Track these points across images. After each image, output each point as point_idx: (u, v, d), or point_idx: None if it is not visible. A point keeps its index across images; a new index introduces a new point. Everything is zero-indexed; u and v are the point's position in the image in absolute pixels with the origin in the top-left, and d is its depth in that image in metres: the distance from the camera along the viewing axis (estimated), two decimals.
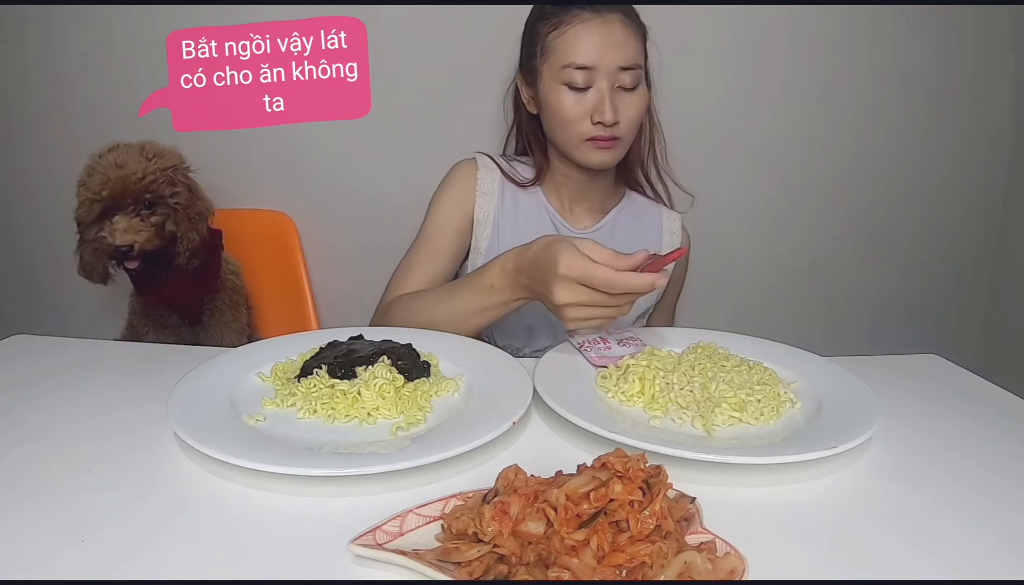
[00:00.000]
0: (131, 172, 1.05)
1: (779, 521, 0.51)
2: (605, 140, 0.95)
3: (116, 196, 1.05)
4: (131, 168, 1.05)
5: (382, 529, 0.46)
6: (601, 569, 0.41)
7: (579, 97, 0.94)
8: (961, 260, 1.59)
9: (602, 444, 0.58)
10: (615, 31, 0.92)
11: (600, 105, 0.92)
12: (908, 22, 1.42)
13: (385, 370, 0.68)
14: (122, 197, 1.06)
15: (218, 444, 0.55)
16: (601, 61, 0.92)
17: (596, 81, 0.93)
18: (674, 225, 1.13)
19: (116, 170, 1.05)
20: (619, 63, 0.92)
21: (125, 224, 1.05)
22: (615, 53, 0.92)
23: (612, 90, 0.93)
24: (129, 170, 1.05)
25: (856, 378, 0.71)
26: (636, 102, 0.96)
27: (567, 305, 0.72)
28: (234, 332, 1.24)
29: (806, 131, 1.49)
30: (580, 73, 0.92)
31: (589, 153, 0.97)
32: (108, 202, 1.05)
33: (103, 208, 1.06)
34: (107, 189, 1.04)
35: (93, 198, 1.05)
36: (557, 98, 0.95)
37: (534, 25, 0.98)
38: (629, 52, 0.93)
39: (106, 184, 1.04)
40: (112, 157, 1.06)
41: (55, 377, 0.75)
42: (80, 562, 0.44)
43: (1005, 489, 0.57)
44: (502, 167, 1.06)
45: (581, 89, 0.93)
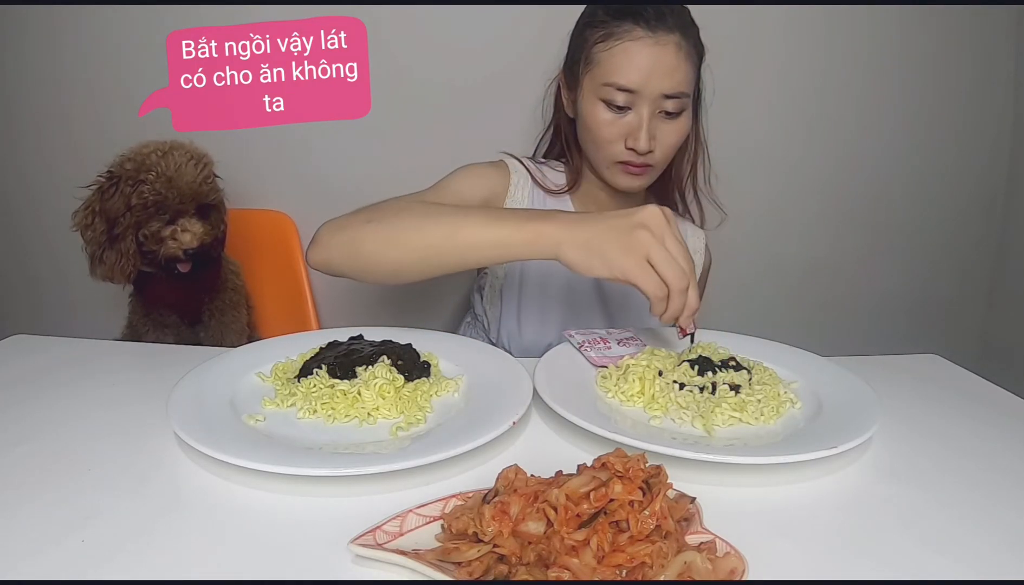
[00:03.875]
0: (191, 178, 1.06)
1: (779, 521, 0.51)
2: (636, 166, 0.91)
3: (183, 199, 1.06)
4: (190, 174, 1.06)
5: (382, 529, 0.46)
6: (601, 569, 0.41)
7: (616, 118, 0.89)
8: (961, 260, 1.59)
9: (602, 444, 0.58)
10: (667, 55, 0.86)
11: (636, 131, 0.88)
12: (908, 22, 1.42)
13: (385, 370, 0.68)
14: (185, 201, 1.06)
15: (218, 444, 0.55)
16: (645, 86, 0.86)
17: (637, 105, 0.88)
18: (698, 244, 1.09)
19: (179, 175, 1.05)
20: (664, 90, 0.87)
21: (193, 228, 1.06)
22: (662, 79, 0.86)
23: (652, 116, 0.88)
24: (189, 176, 1.06)
25: (856, 378, 0.72)
26: (676, 130, 0.91)
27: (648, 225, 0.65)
28: (234, 332, 1.24)
29: (806, 131, 1.49)
30: (621, 94, 0.87)
31: (618, 176, 0.93)
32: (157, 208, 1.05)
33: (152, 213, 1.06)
34: (174, 191, 1.05)
35: (157, 197, 1.04)
36: (593, 114, 0.90)
37: (583, 30, 0.93)
38: (678, 80, 0.87)
39: (172, 187, 1.04)
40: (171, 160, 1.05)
41: (55, 376, 0.75)
42: (80, 561, 0.44)
43: (1005, 488, 0.57)
44: (532, 174, 1.02)
45: (619, 110, 0.88)
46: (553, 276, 1.03)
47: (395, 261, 0.76)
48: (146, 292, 1.19)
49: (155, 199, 1.04)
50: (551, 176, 1.03)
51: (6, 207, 1.56)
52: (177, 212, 1.07)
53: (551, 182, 1.02)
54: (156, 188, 1.04)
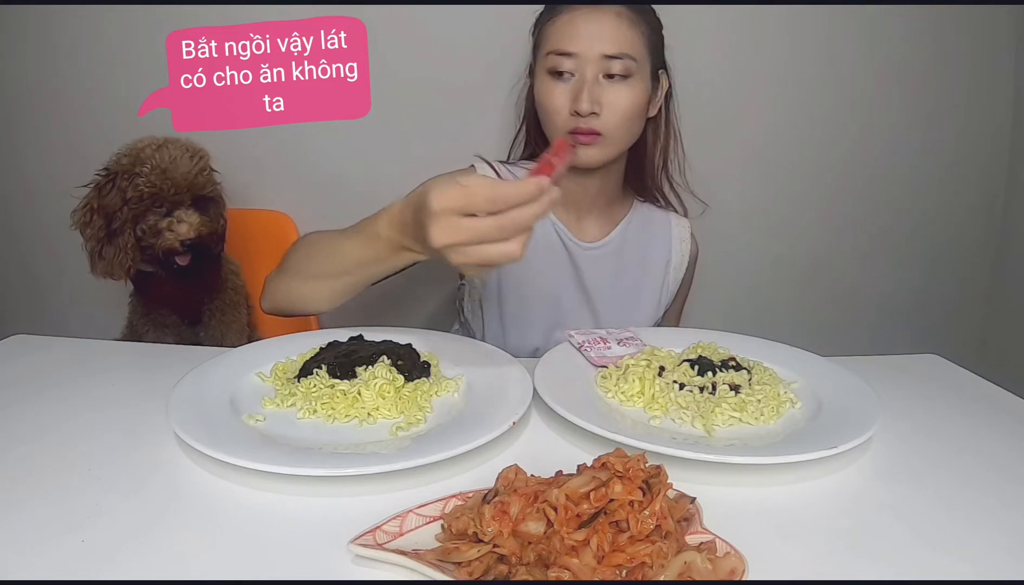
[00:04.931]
0: (186, 170, 1.06)
1: (779, 521, 0.51)
2: (584, 133, 0.89)
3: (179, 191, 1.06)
4: (185, 166, 1.06)
5: (382, 529, 0.46)
6: (601, 569, 0.41)
7: (563, 86, 0.90)
8: (961, 260, 1.59)
9: (602, 444, 0.58)
10: (607, 19, 0.88)
11: (579, 94, 0.88)
12: (908, 22, 1.42)
13: (385, 370, 0.68)
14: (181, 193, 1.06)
15: (218, 444, 0.55)
16: (586, 48, 0.87)
17: (580, 69, 0.88)
18: (683, 233, 1.10)
19: (173, 167, 1.05)
20: (605, 50, 0.87)
21: (189, 219, 1.06)
22: (602, 41, 0.87)
23: (596, 80, 0.88)
24: (184, 168, 1.06)
25: (856, 378, 0.72)
26: (624, 94, 0.89)
27: (448, 247, 0.58)
28: (234, 332, 1.24)
29: (806, 131, 1.49)
30: (564, 59, 0.88)
31: None
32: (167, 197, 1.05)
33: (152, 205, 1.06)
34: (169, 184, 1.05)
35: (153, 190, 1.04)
36: (542, 88, 0.92)
37: (537, 22, 0.97)
38: (619, 40, 0.88)
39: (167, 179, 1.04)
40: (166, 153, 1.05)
41: (55, 376, 0.75)
42: (80, 561, 0.44)
43: (1005, 488, 0.57)
44: (501, 175, 1.02)
45: (565, 78, 0.89)
46: (532, 282, 1.02)
47: (325, 292, 0.80)
48: (146, 292, 1.19)
49: (150, 191, 1.04)
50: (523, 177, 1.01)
51: (6, 207, 1.56)
52: (173, 204, 1.07)
53: None
54: (151, 180, 1.04)
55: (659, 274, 1.09)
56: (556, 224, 1.03)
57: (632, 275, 1.07)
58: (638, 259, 1.07)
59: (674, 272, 1.10)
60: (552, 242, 1.02)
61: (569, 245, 1.03)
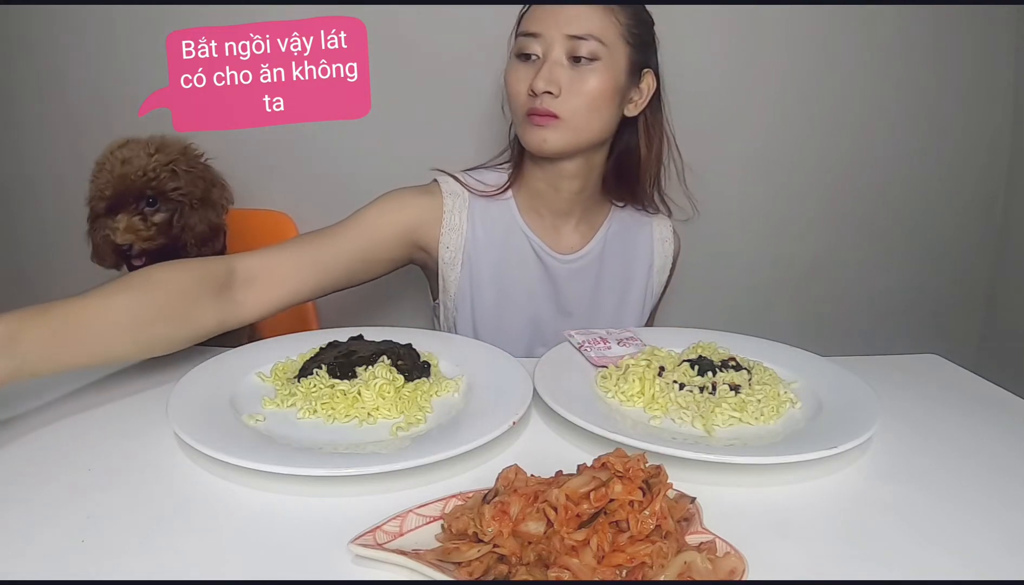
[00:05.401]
0: (135, 169, 1.04)
1: (779, 521, 0.51)
2: (540, 115, 0.85)
3: (119, 194, 1.05)
4: (135, 165, 1.05)
5: (382, 529, 0.46)
6: (601, 569, 0.41)
7: (526, 67, 0.87)
8: (961, 260, 1.59)
9: (602, 444, 0.58)
10: (578, 6, 0.85)
11: (538, 72, 0.85)
12: (908, 22, 1.42)
13: (385, 370, 0.68)
14: (125, 195, 1.05)
15: (218, 444, 0.55)
16: (550, 27, 0.85)
17: (545, 50, 0.86)
18: (665, 232, 1.06)
19: (121, 167, 1.04)
20: (570, 30, 0.84)
21: (125, 223, 1.04)
22: (568, 20, 0.84)
23: (558, 62, 0.85)
24: (133, 167, 1.04)
25: (856, 378, 0.72)
26: (587, 77, 0.85)
27: None
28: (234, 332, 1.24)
29: (806, 131, 1.49)
30: (529, 41, 0.86)
31: (527, 132, 0.88)
32: (112, 200, 1.05)
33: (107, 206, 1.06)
34: (110, 187, 1.04)
35: (98, 195, 1.04)
36: (507, 70, 0.90)
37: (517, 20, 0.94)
38: (585, 21, 0.84)
39: (110, 182, 1.04)
40: (120, 154, 1.05)
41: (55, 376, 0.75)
42: (80, 561, 0.44)
43: (1005, 488, 0.57)
44: (466, 184, 0.97)
45: (532, 61, 0.87)
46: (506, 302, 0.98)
47: None
48: None
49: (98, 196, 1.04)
50: (492, 179, 0.99)
51: (7, 207, 1.56)
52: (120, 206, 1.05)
53: (492, 185, 0.98)
54: (98, 186, 1.04)
55: (642, 280, 1.05)
56: (530, 237, 0.97)
57: (614, 286, 1.02)
58: (620, 267, 1.03)
59: (657, 275, 1.06)
60: (526, 257, 0.97)
61: (545, 259, 0.98)
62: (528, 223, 0.98)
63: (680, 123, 1.13)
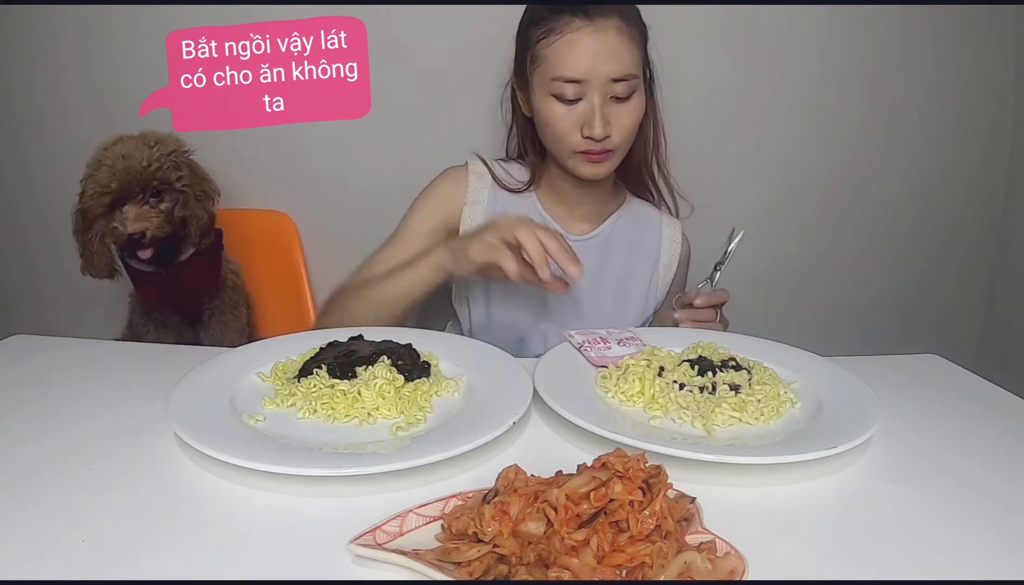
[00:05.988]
0: (137, 162, 1.06)
1: (779, 521, 0.51)
2: (597, 154, 0.92)
3: (124, 187, 1.06)
4: (136, 158, 1.06)
5: (382, 529, 0.46)
6: (601, 569, 0.41)
7: (569, 110, 0.91)
8: (961, 260, 1.59)
9: (602, 444, 0.58)
10: (609, 40, 0.87)
11: (590, 119, 0.89)
12: (908, 22, 1.42)
13: (385, 370, 0.68)
14: (130, 187, 1.06)
15: (218, 444, 0.55)
16: (592, 73, 0.88)
17: (587, 94, 0.89)
18: (674, 233, 1.11)
19: (122, 161, 1.05)
20: (612, 75, 0.88)
21: (135, 212, 1.06)
22: (607, 64, 0.88)
23: (604, 102, 0.89)
24: (135, 160, 1.06)
25: (856, 378, 0.72)
26: (630, 112, 0.92)
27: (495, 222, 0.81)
28: (234, 332, 1.24)
29: (806, 131, 1.49)
30: (570, 86, 0.89)
31: (580, 165, 0.94)
32: (117, 194, 1.06)
33: (111, 200, 1.06)
34: (115, 181, 1.05)
35: (102, 191, 1.05)
36: (547, 110, 0.92)
37: (527, 29, 0.95)
38: (623, 62, 0.89)
39: (114, 176, 1.05)
40: (117, 149, 1.06)
41: (55, 377, 0.75)
42: (80, 562, 0.44)
43: (1005, 489, 0.57)
44: (495, 172, 1.04)
45: (571, 102, 0.90)
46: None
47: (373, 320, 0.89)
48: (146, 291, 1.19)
49: (99, 191, 1.05)
50: (518, 173, 1.06)
51: (7, 207, 1.56)
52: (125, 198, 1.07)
53: (516, 180, 1.05)
54: (98, 180, 1.05)
55: (647, 270, 1.10)
56: (545, 216, 1.05)
57: (619, 269, 1.08)
58: (626, 253, 1.08)
59: (663, 271, 1.11)
60: None
61: None
62: (544, 206, 1.06)
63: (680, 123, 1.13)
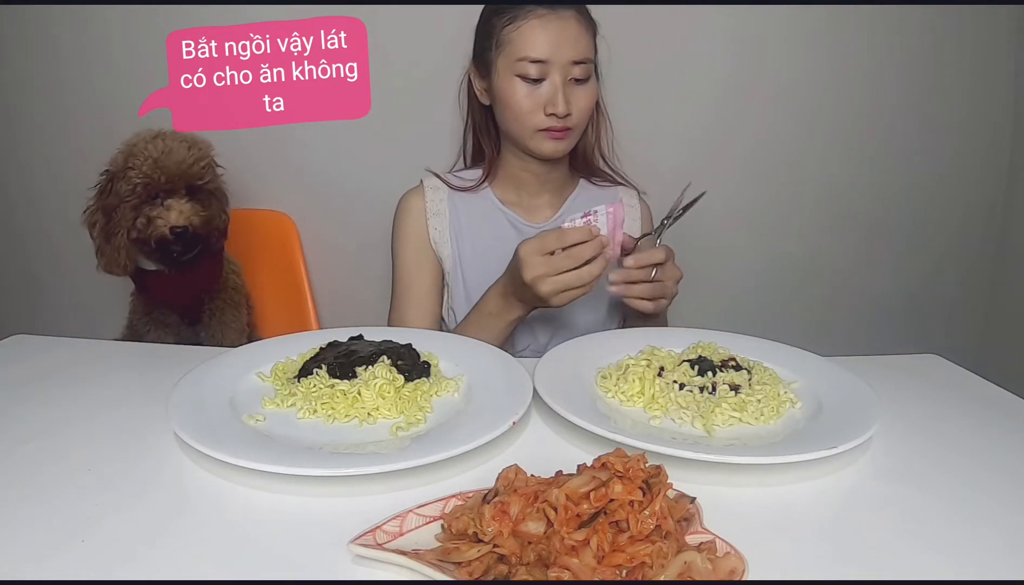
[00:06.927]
0: (180, 158, 1.07)
1: (779, 521, 0.51)
2: (558, 130, 0.98)
3: (170, 179, 1.07)
4: (179, 155, 1.07)
5: (382, 529, 0.46)
6: (601, 569, 0.41)
7: (533, 89, 0.96)
8: (961, 260, 1.59)
9: (602, 444, 0.58)
10: (570, 27, 0.95)
11: (554, 97, 0.95)
12: (909, 22, 1.42)
13: (385, 370, 0.68)
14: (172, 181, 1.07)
15: (218, 444, 0.55)
16: (555, 55, 0.94)
17: (550, 74, 0.95)
18: (631, 199, 1.15)
19: (167, 156, 1.06)
20: (572, 57, 0.95)
21: (180, 206, 1.07)
22: (569, 47, 0.95)
23: (565, 83, 0.96)
24: (176, 157, 1.07)
25: (856, 378, 0.72)
26: (587, 94, 0.99)
27: (537, 279, 0.82)
28: (234, 332, 1.24)
29: (805, 131, 1.49)
30: (534, 66, 0.95)
31: (542, 143, 0.99)
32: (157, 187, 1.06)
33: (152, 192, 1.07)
34: (160, 173, 1.06)
35: (144, 180, 1.05)
36: (511, 90, 0.97)
37: (489, 19, 1.01)
38: (582, 47, 0.96)
39: (157, 168, 1.05)
40: (160, 145, 1.07)
41: (55, 377, 0.75)
42: (80, 562, 0.44)
43: (1005, 489, 0.57)
44: (448, 182, 1.09)
45: (535, 82, 0.96)
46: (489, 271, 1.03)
47: None
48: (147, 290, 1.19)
49: (143, 182, 1.05)
50: (469, 175, 1.11)
51: (7, 207, 1.56)
52: (167, 193, 1.07)
53: (469, 180, 1.10)
54: (143, 171, 1.05)
55: None
56: (507, 213, 1.09)
57: None
58: None
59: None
60: (505, 231, 1.07)
61: (522, 228, 1.08)
62: (505, 203, 1.10)
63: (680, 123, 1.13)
